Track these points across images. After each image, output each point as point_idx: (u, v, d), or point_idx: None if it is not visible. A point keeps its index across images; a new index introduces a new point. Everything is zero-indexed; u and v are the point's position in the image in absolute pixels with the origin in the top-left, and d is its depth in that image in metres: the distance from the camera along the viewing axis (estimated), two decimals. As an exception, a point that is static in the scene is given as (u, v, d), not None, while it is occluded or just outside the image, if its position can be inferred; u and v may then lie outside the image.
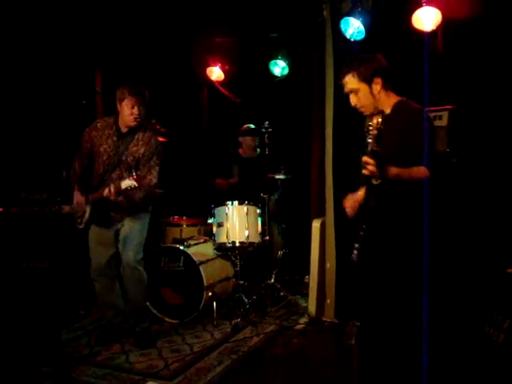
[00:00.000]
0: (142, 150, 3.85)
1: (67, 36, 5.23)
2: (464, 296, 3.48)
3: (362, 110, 2.84)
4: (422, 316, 2.63)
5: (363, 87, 2.78)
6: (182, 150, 4.30)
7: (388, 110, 2.82)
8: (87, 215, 3.87)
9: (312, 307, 4.65)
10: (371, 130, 2.51)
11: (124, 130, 3.88)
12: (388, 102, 2.82)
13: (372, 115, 2.79)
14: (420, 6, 3.93)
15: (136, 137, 3.87)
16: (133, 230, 3.94)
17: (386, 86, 2.81)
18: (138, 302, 4.01)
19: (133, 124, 3.83)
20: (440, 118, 3.72)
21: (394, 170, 2.61)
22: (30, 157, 5.17)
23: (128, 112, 3.77)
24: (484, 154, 3.73)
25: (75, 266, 4.70)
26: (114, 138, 3.87)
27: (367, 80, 2.77)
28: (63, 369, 3.37)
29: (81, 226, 3.94)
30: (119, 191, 3.59)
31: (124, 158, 3.84)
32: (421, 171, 2.66)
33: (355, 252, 2.67)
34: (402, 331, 2.75)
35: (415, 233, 2.68)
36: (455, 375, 3.18)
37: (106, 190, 3.63)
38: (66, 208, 4.16)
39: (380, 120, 2.53)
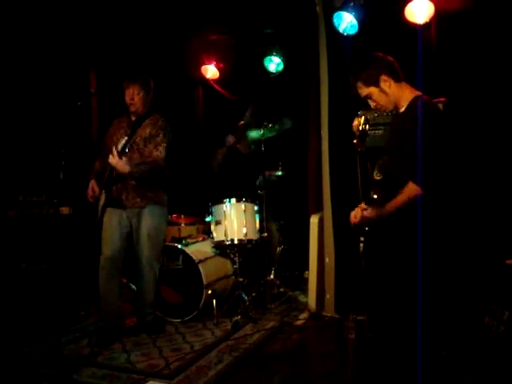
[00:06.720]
0: (148, 130, 4.10)
1: (61, 38, 5.23)
2: (464, 288, 3.48)
3: (382, 109, 2.93)
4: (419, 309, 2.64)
5: (373, 90, 2.86)
6: (178, 148, 4.31)
7: (404, 107, 2.85)
8: (102, 201, 4.09)
9: (312, 302, 4.66)
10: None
11: (133, 118, 4.16)
12: (404, 96, 2.85)
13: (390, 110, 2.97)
14: (412, -2, 3.93)
15: (144, 122, 4.14)
16: (146, 226, 4.09)
17: (397, 80, 2.85)
18: (150, 297, 4.21)
19: (132, 110, 4.11)
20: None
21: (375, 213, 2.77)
22: (26, 159, 5.18)
23: (126, 99, 4.09)
24: (480, 146, 3.72)
25: (75, 268, 4.71)
26: (125, 127, 4.16)
27: (374, 82, 2.83)
28: (63, 370, 3.37)
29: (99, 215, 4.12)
30: (119, 154, 3.83)
31: (132, 140, 4.07)
32: (401, 198, 2.70)
33: (361, 245, 2.76)
34: (401, 324, 2.75)
35: (414, 225, 2.68)
36: (455, 365, 3.19)
37: (110, 156, 3.82)
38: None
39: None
